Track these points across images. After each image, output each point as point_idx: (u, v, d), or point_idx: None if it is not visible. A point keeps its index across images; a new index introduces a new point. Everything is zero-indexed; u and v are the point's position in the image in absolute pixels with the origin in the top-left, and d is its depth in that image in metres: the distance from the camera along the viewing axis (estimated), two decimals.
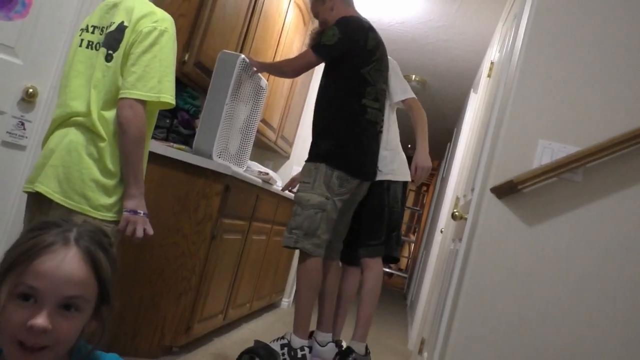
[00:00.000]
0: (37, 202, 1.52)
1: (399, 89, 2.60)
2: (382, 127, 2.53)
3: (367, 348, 2.48)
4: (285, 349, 2.28)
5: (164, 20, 1.55)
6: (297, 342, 2.29)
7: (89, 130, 1.50)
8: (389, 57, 2.61)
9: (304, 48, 2.97)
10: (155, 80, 1.49)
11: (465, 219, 2.09)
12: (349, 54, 2.38)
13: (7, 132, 1.87)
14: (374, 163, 2.49)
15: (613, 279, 1.73)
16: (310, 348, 2.34)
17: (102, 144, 1.49)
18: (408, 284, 8.44)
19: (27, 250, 0.81)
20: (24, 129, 1.91)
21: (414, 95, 2.63)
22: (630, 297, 1.71)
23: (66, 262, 0.82)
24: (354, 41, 2.38)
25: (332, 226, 2.36)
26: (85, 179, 1.47)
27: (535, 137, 1.82)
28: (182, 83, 2.67)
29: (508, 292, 1.78)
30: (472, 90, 4.39)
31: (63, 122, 1.54)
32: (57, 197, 1.46)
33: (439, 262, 3.38)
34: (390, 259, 2.62)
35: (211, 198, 2.40)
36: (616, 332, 1.71)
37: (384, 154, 2.54)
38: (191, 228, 2.37)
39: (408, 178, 2.61)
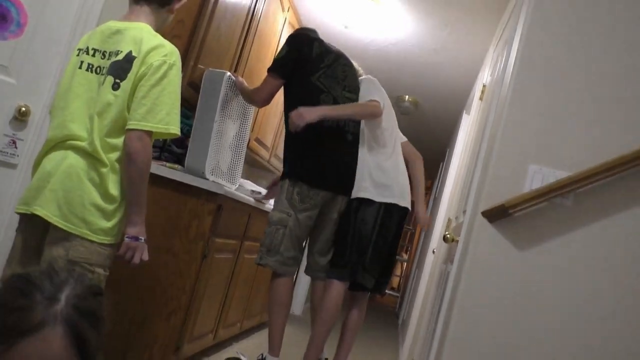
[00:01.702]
0: (31, 224, 1.52)
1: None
2: (354, 135, 2.43)
3: None
4: None
5: (172, 54, 1.60)
6: (269, 358, 2.31)
7: (90, 156, 1.51)
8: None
9: None
10: (164, 113, 1.54)
11: (457, 241, 2.10)
12: (298, 65, 2.42)
13: None
14: (342, 174, 2.39)
15: (603, 302, 1.73)
16: None
17: (103, 170, 1.52)
18: (400, 302, 8.41)
19: (10, 328, 0.74)
20: (16, 147, 1.90)
21: (405, 139, 2.67)
22: (620, 320, 1.72)
23: (50, 351, 0.76)
24: (299, 50, 2.42)
25: (297, 243, 2.36)
26: (85, 203, 1.49)
27: (525, 162, 1.83)
28: None
29: (499, 316, 1.78)
30: (464, 111, 4.43)
31: (59, 144, 1.55)
32: (56, 221, 1.47)
33: (431, 282, 3.38)
34: (358, 287, 2.42)
35: (203, 217, 2.39)
36: (607, 354, 1.71)
37: (360, 170, 2.40)
38: (182, 247, 2.36)
39: (392, 200, 2.37)
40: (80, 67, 1.60)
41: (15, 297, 0.77)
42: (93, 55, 1.60)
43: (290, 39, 2.49)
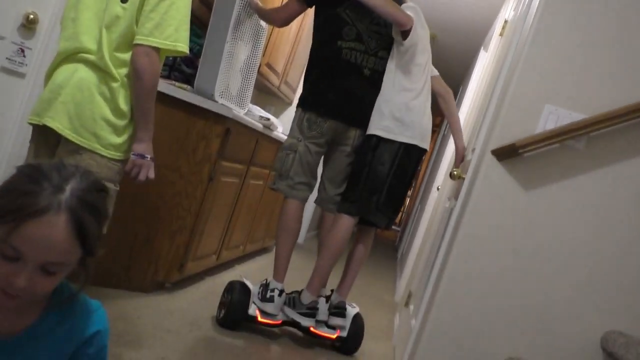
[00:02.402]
0: (44, 135, 1.52)
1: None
2: (372, 71, 2.35)
3: (319, 302, 2.36)
4: (261, 288, 2.35)
5: None
6: (272, 283, 2.35)
7: (101, 70, 1.49)
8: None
9: None
10: (173, 29, 1.48)
11: (463, 178, 2.10)
12: None
13: (6, 58, 1.84)
14: (354, 106, 2.35)
15: (606, 247, 1.75)
16: (282, 292, 2.33)
17: (114, 85, 1.49)
18: (400, 237, 8.56)
19: (17, 209, 0.80)
20: (24, 56, 1.87)
21: (437, 73, 2.57)
22: (623, 265, 1.74)
23: (54, 232, 0.81)
24: None
25: (308, 169, 2.38)
26: (96, 118, 1.48)
27: (542, 102, 1.79)
28: None
29: (498, 252, 1.80)
30: (482, 47, 4.30)
31: (70, 56, 1.52)
32: (67, 133, 1.47)
33: (433, 219, 3.42)
34: (367, 223, 2.42)
35: (211, 139, 2.38)
36: (606, 301, 1.74)
37: (381, 106, 2.33)
38: (189, 168, 2.37)
39: (413, 141, 2.30)
40: None
41: (25, 182, 0.84)
42: None
43: None
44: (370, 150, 2.32)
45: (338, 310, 2.40)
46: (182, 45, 1.52)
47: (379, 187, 2.32)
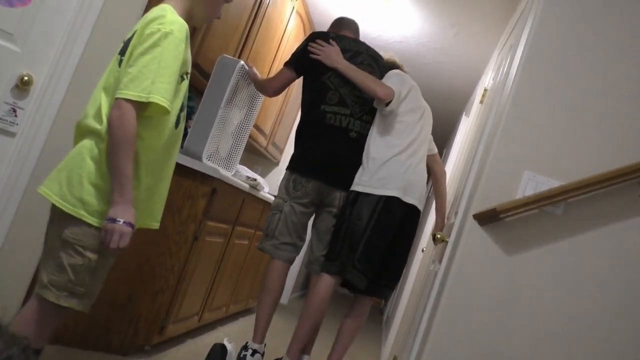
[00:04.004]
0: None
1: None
2: (359, 134, 2.40)
3: None
4: (241, 349, 2.32)
5: (172, 23, 1.47)
6: (250, 344, 2.32)
7: (94, 133, 1.46)
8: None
9: None
10: (149, 82, 1.40)
11: (446, 242, 2.12)
12: (313, 65, 2.45)
13: None
14: (339, 167, 2.38)
15: (587, 312, 1.76)
16: (254, 351, 2.28)
17: (102, 146, 1.44)
18: (385, 300, 8.45)
19: None
20: (15, 115, 1.90)
21: (435, 151, 2.64)
22: (605, 329, 1.74)
23: None
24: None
25: (293, 229, 2.39)
26: (84, 182, 1.43)
27: (521, 168, 1.85)
28: None
29: (483, 319, 1.80)
30: (464, 113, 4.44)
31: (77, 127, 1.54)
32: (55, 200, 1.43)
33: (418, 281, 3.41)
34: (348, 285, 2.33)
35: (197, 199, 2.40)
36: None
37: (363, 162, 2.35)
38: (174, 228, 2.37)
39: (393, 193, 2.24)
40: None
41: None
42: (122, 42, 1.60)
43: (309, 35, 2.57)
44: (350, 205, 2.29)
45: None
46: (158, 98, 1.41)
47: (357, 244, 2.22)
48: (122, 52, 1.53)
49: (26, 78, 1.88)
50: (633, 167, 1.74)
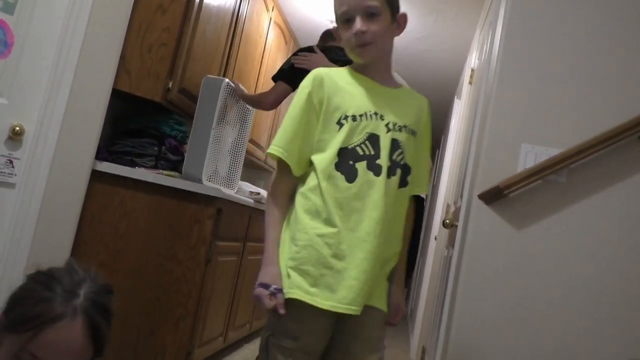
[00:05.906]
0: None
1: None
2: None
3: None
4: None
5: (307, 77, 1.46)
6: None
7: None
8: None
9: None
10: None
11: (456, 226, 2.12)
12: (302, 76, 2.43)
13: None
14: None
15: (600, 275, 1.75)
16: None
17: None
18: (407, 291, 8.43)
19: (34, 317, 0.84)
20: (13, 166, 1.92)
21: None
22: (618, 293, 1.74)
23: (71, 337, 0.86)
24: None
25: None
26: None
27: (518, 142, 1.85)
28: (168, 110, 2.70)
29: (502, 295, 1.80)
30: (456, 97, 4.45)
31: None
32: None
33: (435, 269, 3.40)
34: None
35: (203, 222, 2.41)
36: (606, 327, 1.73)
37: None
38: (185, 253, 2.38)
39: None
40: None
41: (38, 289, 0.88)
42: None
43: (296, 51, 2.60)
44: None
45: None
46: (271, 147, 1.39)
47: None
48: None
49: (17, 128, 1.90)
50: (629, 124, 1.74)
